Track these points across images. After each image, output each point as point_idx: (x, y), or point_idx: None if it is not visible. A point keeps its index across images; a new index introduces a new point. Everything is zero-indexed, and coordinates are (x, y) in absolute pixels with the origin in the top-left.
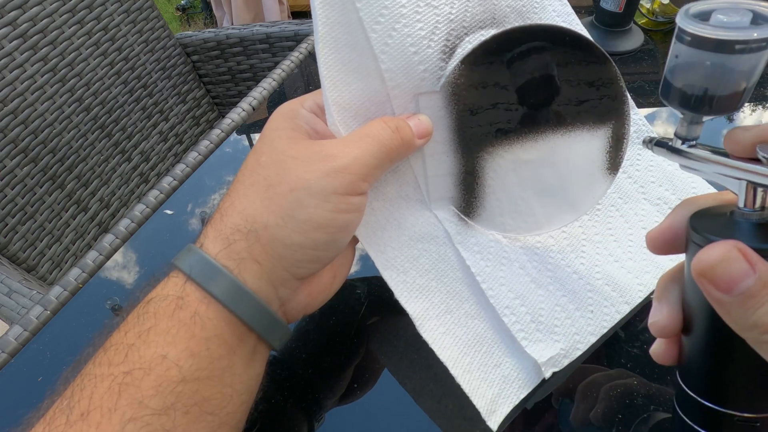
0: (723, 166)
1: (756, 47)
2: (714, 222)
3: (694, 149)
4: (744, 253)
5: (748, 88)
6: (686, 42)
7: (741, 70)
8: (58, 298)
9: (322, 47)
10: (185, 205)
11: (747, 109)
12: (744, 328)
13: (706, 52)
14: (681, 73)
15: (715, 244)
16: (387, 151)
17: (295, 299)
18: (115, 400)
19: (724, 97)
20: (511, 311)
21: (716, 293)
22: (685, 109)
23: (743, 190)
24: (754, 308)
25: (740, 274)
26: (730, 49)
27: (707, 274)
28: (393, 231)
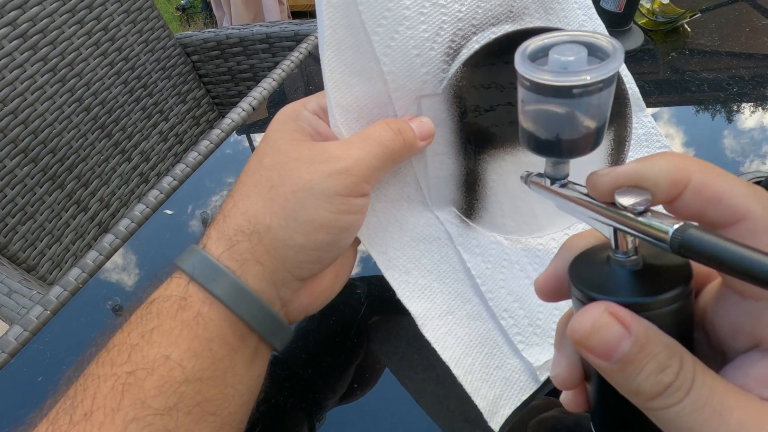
0: (590, 210)
1: (594, 89)
2: (591, 271)
3: (565, 189)
4: (616, 315)
5: (599, 126)
6: (526, 87)
7: (585, 111)
8: (58, 298)
9: (326, 49)
10: (185, 205)
11: (746, 110)
12: (629, 394)
13: (548, 98)
14: (530, 119)
15: (587, 309)
16: (389, 152)
17: (296, 300)
18: (118, 400)
19: (578, 140)
20: (510, 314)
21: (596, 360)
22: (542, 155)
23: (612, 235)
24: (634, 374)
25: (615, 339)
26: (569, 94)
27: (583, 343)
28: (395, 232)
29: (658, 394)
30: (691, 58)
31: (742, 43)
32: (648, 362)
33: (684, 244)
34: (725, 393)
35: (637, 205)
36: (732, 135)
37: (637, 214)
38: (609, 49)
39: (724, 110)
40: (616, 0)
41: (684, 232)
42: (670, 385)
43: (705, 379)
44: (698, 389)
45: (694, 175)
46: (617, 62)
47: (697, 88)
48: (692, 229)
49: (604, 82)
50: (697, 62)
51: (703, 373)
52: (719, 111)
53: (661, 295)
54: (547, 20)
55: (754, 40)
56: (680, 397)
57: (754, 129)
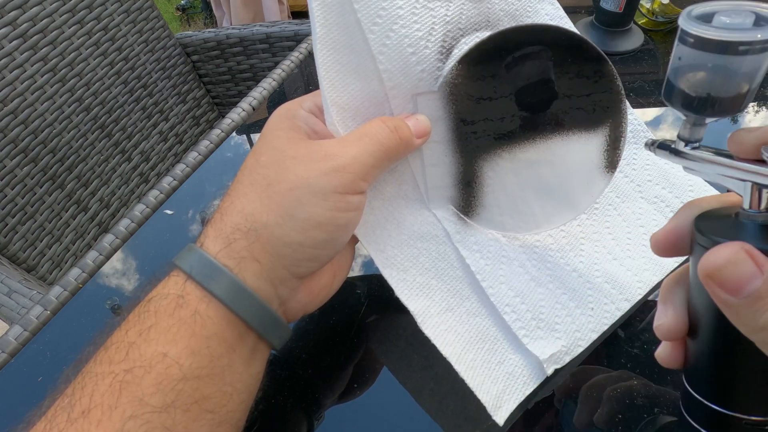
0: (727, 168)
1: (760, 48)
2: (719, 224)
3: (698, 151)
4: (752, 254)
5: (751, 89)
6: (689, 44)
7: (744, 71)
8: (58, 298)
9: (321, 48)
10: (185, 205)
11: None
12: (753, 330)
13: (710, 54)
14: (684, 75)
15: (722, 245)
16: (385, 150)
17: (294, 298)
18: (116, 398)
19: (728, 99)
20: (512, 309)
21: (724, 295)
22: (688, 111)
23: (748, 192)
24: (762, 310)
25: (748, 275)
26: (733, 50)
27: (714, 276)
28: (392, 230)
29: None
30: None
31: None
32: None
33: None
34: None
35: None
36: None
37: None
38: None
39: None
40: (616, 0)
41: None
42: None
43: None
44: None
45: None
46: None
47: None
48: None
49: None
50: None
51: None
52: None
53: None
54: None
55: None
56: None
57: None
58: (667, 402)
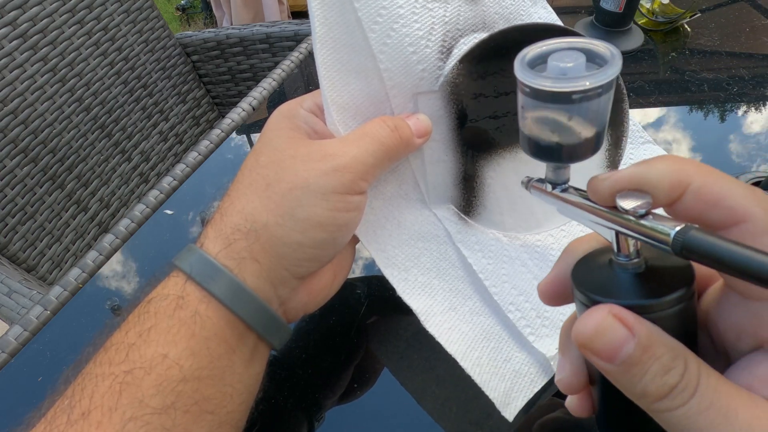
0: (591, 214)
1: (593, 94)
2: (594, 274)
3: (566, 194)
4: (620, 317)
5: (599, 132)
6: (527, 93)
7: (585, 117)
8: (58, 298)
9: (321, 48)
10: (185, 205)
11: (746, 110)
12: (634, 396)
13: (547, 104)
14: (530, 125)
15: (590, 312)
16: (386, 150)
17: (295, 298)
18: (116, 399)
19: (578, 145)
20: (516, 307)
21: (601, 363)
22: (542, 160)
23: (614, 239)
24: (639, 376)
25: (619, 341)
26: (567, 99)
27: (587, 346)
28: (393, 230)
29: (663, 396)
30: (691, 58)
31: (742, 43)
32: (652, 364)
33: (686, 246)
34: (730, 394)
35: (638, 208)
36: (732, 135)
37: (638, 217)
38: (607, 56)
39: (724, 110)
40: (616, 0)
41: (685, 234)
42: (675, 387)
43: (710, 380)
44: (703, 390)
45: (694, 177)
46: (615, 68)
47: (697, 88)
48: (693, 230)
49: (603, 88)
50: (697, 62)
51: (707, 375)
52: (719, 111)
53: (664, 297)
54: None
55: (754, 40)
56: (686, 399)
57: (755, 129)
58: None
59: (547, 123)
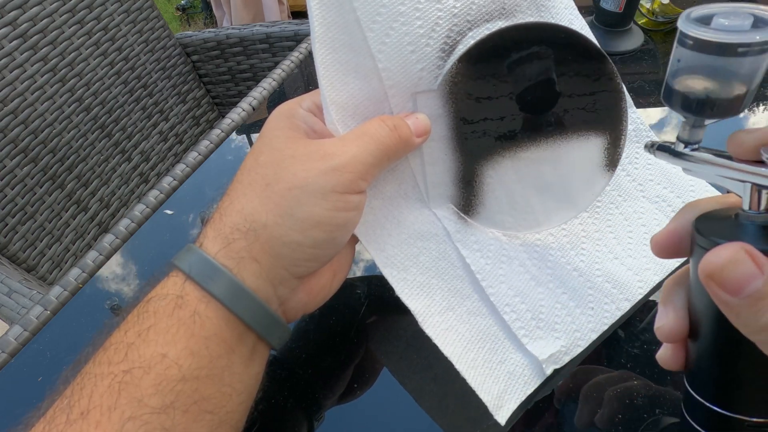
0: (727, 169)
1: (758, 50)
2: (719, 225)
3: (697, 152)
4: (752, 254)
5: (750, 91)
6: (688, 46)
7: (743, 73)
8: (58, 298)
9: (319, 47)
10: (185, 205)
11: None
12: (753, 331)
13: (708, 56)
14: (683, 77)
15: (723, 246)
16: (385, 149)
17: (294, 298)
18: (115, 399)
19: (726, 101)
20: (512, 309)
21: (724, 296)
22: (687, 113)
23: (748, 193)
24: (763, 310)
25: (748, 275)
26: (732, 52)
27: (715, 276)
28: (392, 229)
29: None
30: None
31: None
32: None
33: None
34: None
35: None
36: None
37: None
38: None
39: None
40: (616, 0)
41: None
42: None
43: None
44: None
45: None
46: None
47: None
48: None
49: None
50: None
51: None
52: None
53: None
54: (539, 17)
55: None
56: None
57: None
58: (669, 403)
59: (704, 75)
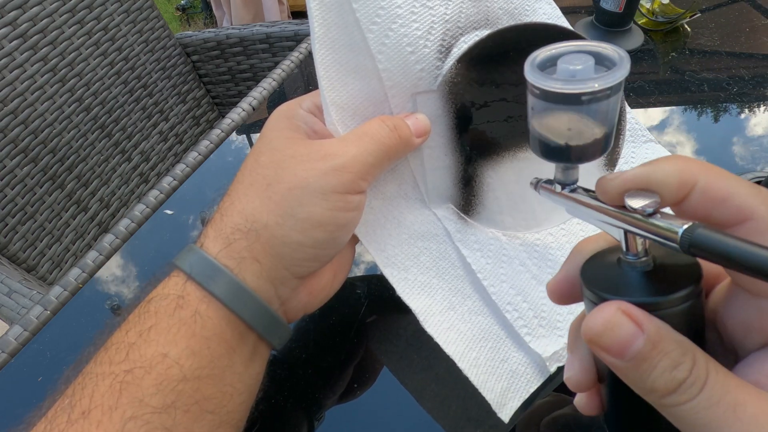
0: (600, 213)
1: (602, 96)
2: (602, 273)
3: (575, 195)
4: (629, 314)
5: (608, 133)
6: (537, 95)
7: (595, 118)
8: (58, 298)
9: (319, 48)
10: (185, 205)
11: (747, 110)
12: (643, 392)
13: (557, 105)
14: (539, 125)
15: (599, 308)
16: (385, 149)
17: (295, 298)
18: (116, 399)
19: (586, 146)
20: (513, 307)
21: (610, 359)
22: (550, 160)
23: (623, 238)
24: (648, 372)
25: (628, 337)
26: (576, 101)
27: (597, 342)
28: (393, 229)
29: (672, 391)
30: (691, 58)
31: (742, 43)
32: (661, 359)
33: (693, 243)
34: (738, 389)
35: (646, 207)
36: (733, 135)
37: (646, 215)
38: (615, 58)
39: (725, 110)
40: (616, 0)
41: (693, 232)
42: (684, 382)
43: (718, 375)
44: (712, 385)
45: (700, 176)
46: (624, 70)
47: (697, 88)
48: (701, 228)
49: (612, 89)
50: (697, 62)
51: (716, 370)
52: (719, 111)
53: (672, 294)
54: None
55: (754, 40)
56: (694, 394)
57: (755, 129)
58: None
59: (556, 124)
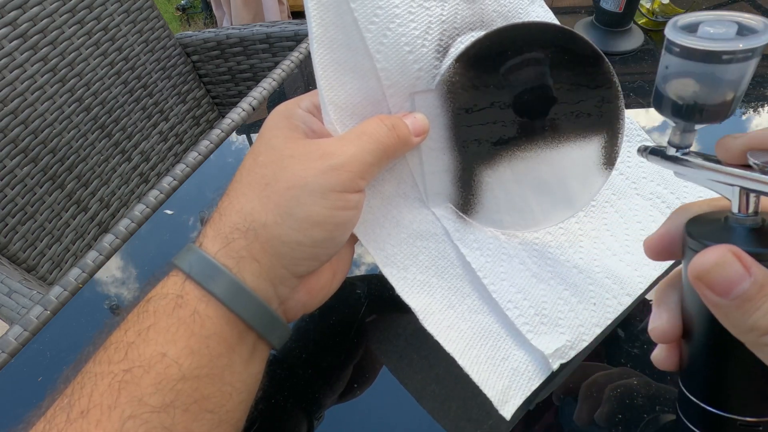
0: (716, 173)
1: (742, 57)
2: (709, 228)
3: (688, 157)
4: (739, 256)
5: (736, 96)
6: (675, 53)
7: (729, 79)
8: (58, 298)
9: (317, 47)
10: (185, 205)
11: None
12: (742, 331)
13: (695, 63)
14: (671, 83)
15: (711, 248)
16: (384, 148)
17: (294, 297)
18: (115, 398)
19: (714, 106)
20: (514, 305)
21: (713, 297)
22: (677, 118)
23: (736, 196)
24: (750, 311)
25: (736, 277)
26: (717, 59)
27: (704, 278)
28: (391, 228)
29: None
30: None
31: None
32: (765, 301)
33: None
34: None
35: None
36: None
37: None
38: (759, 27)
39: None
40: (616, 0)
41: None
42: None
43: None
44: None
45: None
46: (766, 36)
47: None
48: None
49: (753, 52)
50: None
51: None
52: None
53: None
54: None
55: None
56: None
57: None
58: (668, 401)
59: (691, 81)
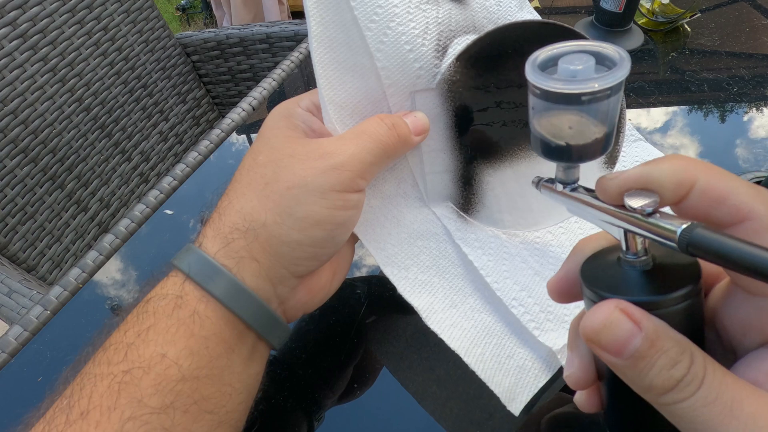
0: (601, 212)
1: (603, 96)
2: (602, 272)
3: (576, 193)
4: (627, 312)
5: (608, 132)
6: (537, 95)
7: (594, 118)
8: (58, 298)
9: (317, 46)
10: (185, 205)
11: (746, 110)
12: (641, 390)
13: (557, 105)
14: (540, 125)
15: (598, 307)
16: (384, 147)
17: (294, 297)
18: (115, 399)
19: (586, 146)
20: (519, 303)
21: (608, 357)
22: (551, 160)
23: (623, 237)
24: (645, 370)
25: (626, 335)
26: (577, 101)
27: (594, 340)
28: (392, 228)
29: (670, 389)
30: (691, 58)
31: (742, 43)
32: (659, 358)
33: (692, 243)
34: (736, 387)
35: (645, 207)
36: (733, 135)
37: (646, 215)
38: (616, 58)
39: (724, 110)
40: (616, 0)
41: (691, 231)
42: (682, 380)
43: (716, 373)
44: (709, 383)
45: (700, 176)
46: (624, 70)
47: (697, 88)
48: (699, 228)
49: (612, 89)
50: (697, 62)
51: (713, 368)
52: (719, 111)
53: (671, 293)
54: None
55: (754, 40)
56: (692, 392)
57: (756, 129)
58: None
59: (557, 124)
